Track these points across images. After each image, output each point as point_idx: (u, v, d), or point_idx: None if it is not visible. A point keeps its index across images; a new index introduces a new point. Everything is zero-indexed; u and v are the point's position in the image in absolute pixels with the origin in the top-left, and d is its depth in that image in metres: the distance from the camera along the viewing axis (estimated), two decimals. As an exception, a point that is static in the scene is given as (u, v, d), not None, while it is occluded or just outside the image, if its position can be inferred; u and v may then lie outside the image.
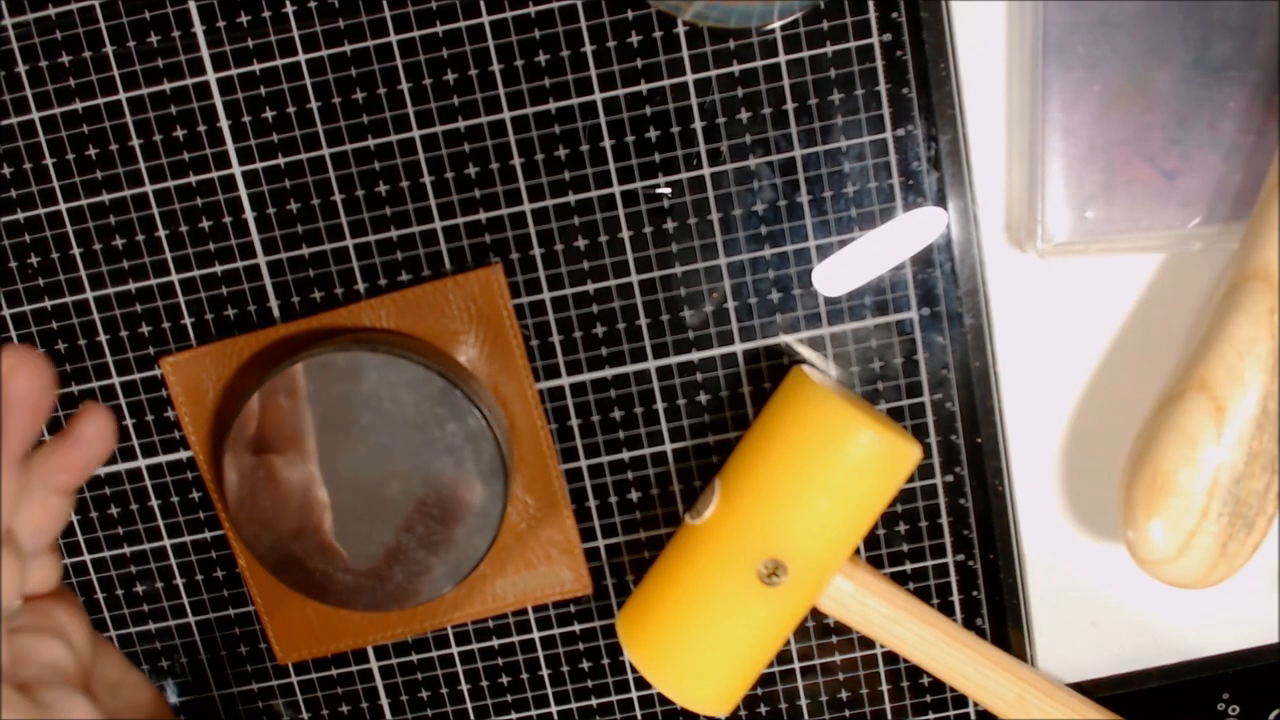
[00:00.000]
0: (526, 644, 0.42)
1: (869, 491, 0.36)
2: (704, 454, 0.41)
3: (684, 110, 0.38)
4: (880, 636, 0.38)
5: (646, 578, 0.39)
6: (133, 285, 0.40)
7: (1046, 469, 0.41)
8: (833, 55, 0.38)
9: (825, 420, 0.35)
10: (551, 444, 0.40)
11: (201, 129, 0.38)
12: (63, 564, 0.34)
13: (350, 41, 0.38)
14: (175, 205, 0.39)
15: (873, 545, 0.41)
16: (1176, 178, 0.37)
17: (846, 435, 0.35)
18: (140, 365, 0.40)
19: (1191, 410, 0.34)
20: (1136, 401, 0.40)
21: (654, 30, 0.38)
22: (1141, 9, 0.36)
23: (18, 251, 0.39)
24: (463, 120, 0.38)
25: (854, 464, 0.35)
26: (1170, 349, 0.39)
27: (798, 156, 0.38)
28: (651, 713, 0.43)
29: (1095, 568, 0.41)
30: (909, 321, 0.39)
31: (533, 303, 0.39)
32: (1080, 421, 0.40)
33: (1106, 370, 0.40)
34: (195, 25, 0.38)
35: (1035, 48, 0.36)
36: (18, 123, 0.38)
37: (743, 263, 0.39)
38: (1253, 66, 0.36)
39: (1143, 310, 0.39)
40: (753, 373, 0.40)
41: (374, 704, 0.43)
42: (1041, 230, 0.37)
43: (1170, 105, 0.36)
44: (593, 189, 0.39)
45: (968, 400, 0.40)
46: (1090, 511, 0.41)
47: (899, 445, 0.35)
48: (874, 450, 0.35)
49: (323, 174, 0.39)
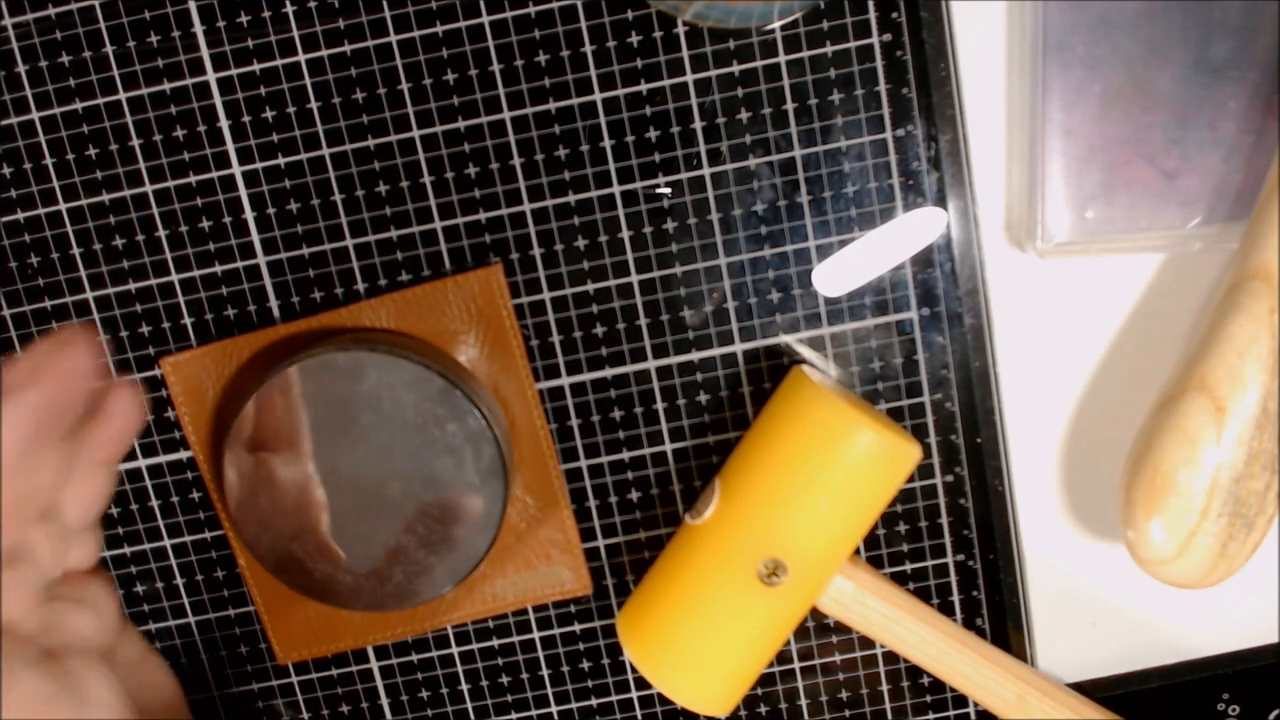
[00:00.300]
0: (526, 644, 0.42)
1: (869, 492, 0.36)
2: (704, 454, 0.41)
3: (684, 110, 0.38)
4: (880, 636, 0.38)
5: (646, 578, 0.39)
6: (133, 285, 0.40)
7: (1046, 469, 0.41)
8: (833, 55, 0.38)
9: (825, 420, 0.35)
10: (551, 444, 0.40)
11: (201, 129, 0.38)
12: (101, 542, 0.35)
13: (350, 41, 0.38)
14: (175, 205, 0.39)
15: (873, 545, 0.41)
16: (1176, 178, 0.37)
17: (846, 435, 0.35)
18: (140, 365, 0.40)
19: (1191, 410, 0.34)
20: (1136, 401, 0.40)
21: (654, 30, 0.38)
22: (1141, 9, 0.36)
23: (18, 251, 0.39)
24: (463, 120, 0.38)
25: (854, 464, 0.35)
26: (1170, 349, 0.39)
27: (798, 156, 0.38)
28: (651, 713, 0.43)
29: (1095, 568, 0.41)
30: (909, 321, 0.39)
31: (533, 303, 0.39)
32: (1080, 421, 0.40)
33: (1106, 370, 0.40)
34: (195, 25, 0.38)
35: (1035, 48, 0.36)
36: (18, 123, 0.38)
37: (743, 263, 0.39)
38: (1253, 66, 0.36)
39: (1143, 310, 0.39)
40: (753, 373, 0.40)
41: (374, 704, 0.43)
42: (1041, 230, 0.37)
43: (1170, 105, 0.36)
44: (593, 189, 0.39)
45: (968, 400, 0.40)
46: (1090, 511, 0.41)
47: (899, 445, 0.35)
48: (874, 450, 0.35)
49: (323, 174, 0.39)
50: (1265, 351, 0.34)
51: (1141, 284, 0.39)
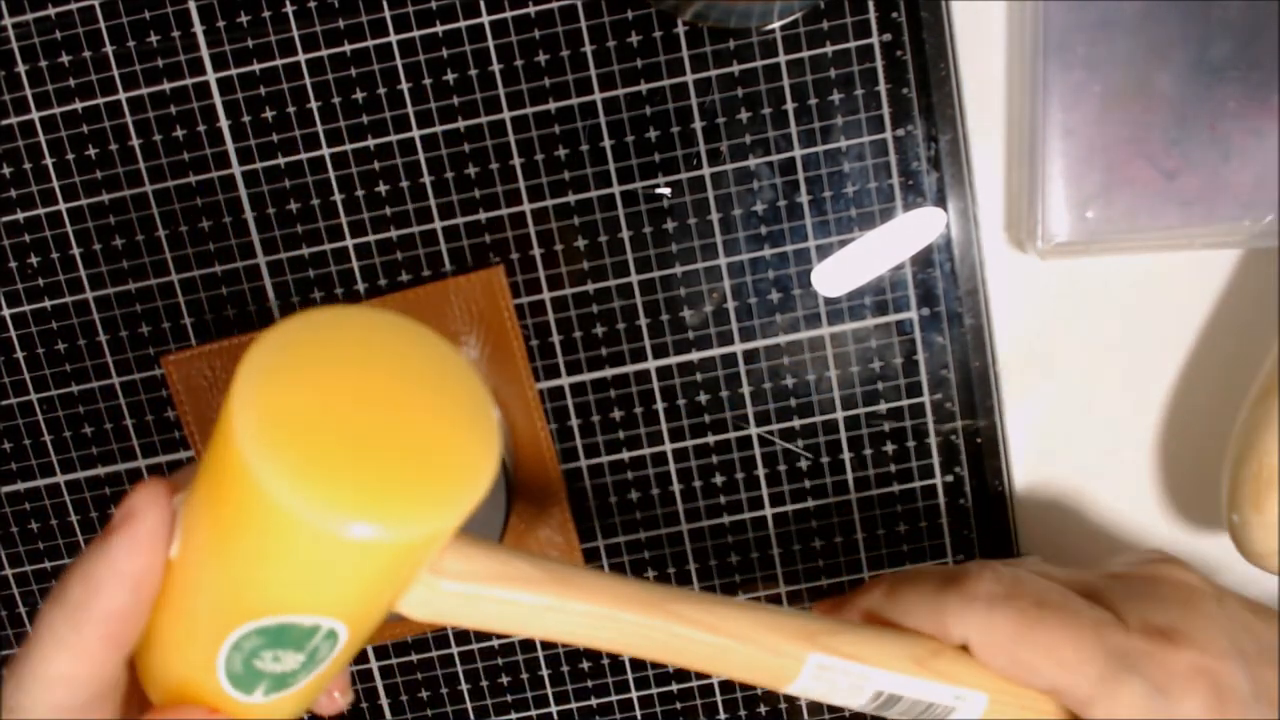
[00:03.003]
0: (527, 644, 0.42)
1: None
2: (704, 454, 0.41)
3: (684, 110, 0.38)
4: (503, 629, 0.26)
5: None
6: (133, 285, 0.40)
7: (1046, 469, 0.41)
8: (833, 55, 0.38)
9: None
10: (551, 444, 0.40)
11: (201, 129, 0.38)
12: None
13: (350, 41, 0.38)
14: (175, 205, 0.39)
15: (871, 545, 0.41)
16: (1176, 178, 0.37)
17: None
18: (140, 365, 0.40)
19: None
20: (1136, 401, 0.40)
21: (654, 30, 0.37)
22: (1141, 9, 0.36)
23: (18, 251, 0.39)
24: (463, 120, 0.38)
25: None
26: (1170, 348, 0.39)
27: (798, 156, 0.38)
28: (651, 713, 0.43)
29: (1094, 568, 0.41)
30: (909, 321, 0.39)
31: (533, 303, 0.39)
32: (1080, 421, 0.40)
33: (1106, 370, 0.40)
34: (195, 25, 0.38)
35: (1035, 48, 0.36)
36: (18, 123, 0.38)
37: (743, 263, 0.39)
38: (1253, 66, 0.36)
39: (1142, 310, 0.39)
40: (753, 373, 0.40)
41: (374, 704, 0.43)
42: (1041, 230, 0.37)
43: (1170, 105, 0.36)
44: (593, 189, 0.39)
45: (968, 400, 0.40)
46: (1090, 512, 0.41)
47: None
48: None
49: (323, 174, 0.39)
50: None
51: (1141, 284, 0.39)
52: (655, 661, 0.28)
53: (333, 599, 0.21)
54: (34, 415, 0.41)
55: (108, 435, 0.41)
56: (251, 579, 0.21)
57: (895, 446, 0.40)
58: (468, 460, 0.21)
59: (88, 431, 0.41)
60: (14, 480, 0.41)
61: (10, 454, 0.41)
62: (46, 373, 0.40)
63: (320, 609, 0.21)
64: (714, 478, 0.41)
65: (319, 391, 0.20)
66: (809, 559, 0.41)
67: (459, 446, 0.21)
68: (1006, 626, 0.29)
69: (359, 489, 0.20)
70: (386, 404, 0.21)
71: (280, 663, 0.22)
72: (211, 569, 0.22)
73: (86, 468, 0.41)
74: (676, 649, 0.27)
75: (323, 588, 0.21)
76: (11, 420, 0.41)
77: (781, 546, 0.41)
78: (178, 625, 0.23)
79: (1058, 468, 0.41)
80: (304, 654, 0.22)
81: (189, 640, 0.23)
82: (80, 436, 0.41)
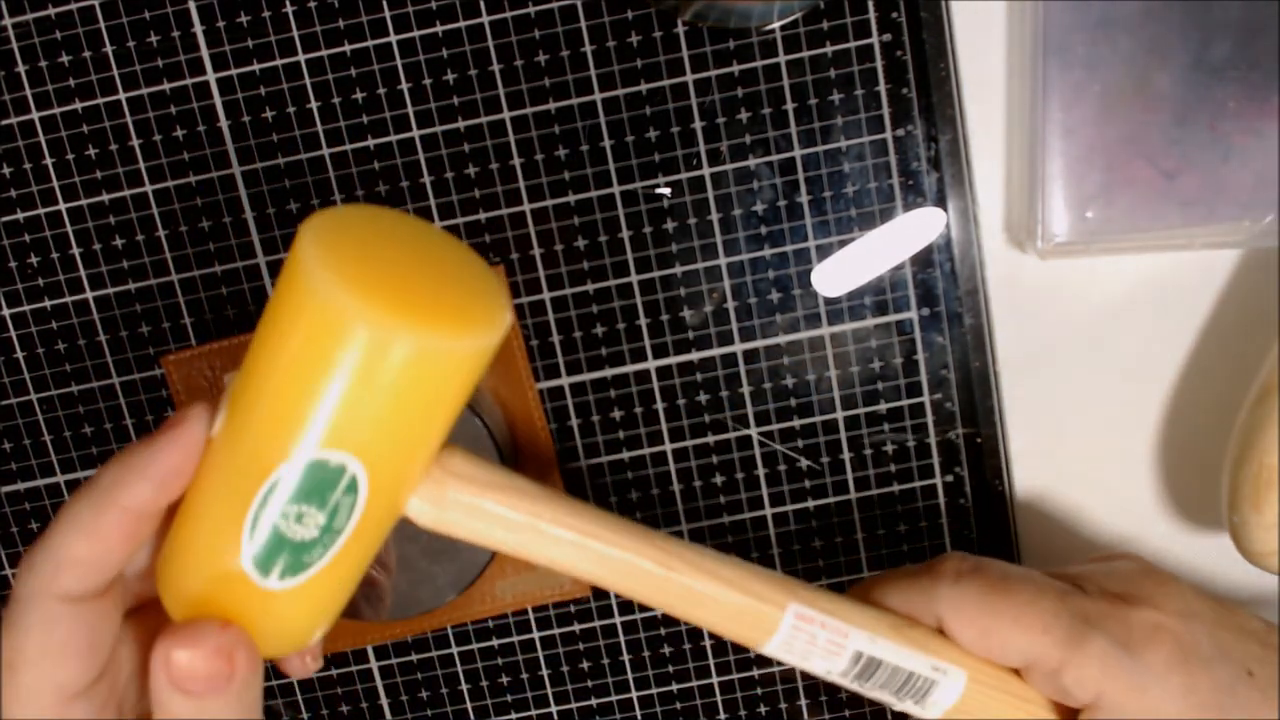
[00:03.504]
0: (526, 644, 0.42)
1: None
2: (704, 454, 0.41)
3: (684, 110, 0.38)
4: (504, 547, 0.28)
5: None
6: (133, 285, 0.40)
7: (1046, 469, 0.41)
8: (833, 55, 0.38)
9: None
10: (551, 444, 0.40)
11: (201, 129, 0.38)
12: None
13: (350, 41, 0.38)
14: (175, 205, 0.39)
15: (871, 545, 0.41)
16: (1176, 178, 0.37)
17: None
18: (140, 365, 0.40)
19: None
20: (1136, 401, 0.40)
21: (654, 30, 0.37)
22: (1141, 9, 0.36)
23: (18, 251, 0.39)
24: (463, 120, 0.38)
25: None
26: (1170, 348, 0.39)
27: (798, 156, 0.38)
28: (651, 713, 0.43)
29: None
30: (909, 321, 0.39)
31: (533, 303, 0.39)
32: (1080, 421, 0.40)
33: (1106, 370, 0.40)
34: (195, 25, 0.38)
35: (1035, 48, 0.36)
36: (18, 123, 0.38)
37: (743, 263, 0.39)
38: (1253, 66, 0.36)
39: (1142, 310, 0.39)
40: (752, 373, 0.40)
41: (374, 704, 0.43)
42: (1041, 230, 0.37)
43: (1170, 105, 0.36)
44: (593, 189, 0.39)
45: (968, 400, 0.40)
46: (1090, 512, 0.41)
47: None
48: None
49: (323, 174, 0.39)
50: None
51: (1141, 284, 0.39)
52: (640, 600, 0.29)
53: (364, 432, 0.23)
54: (34, 415, 0.41)
55: (108, 435, 0.41)
56: (293, 410, 0.23)
57: (895, 446, 0.40)
58: (490, 304, 0.25)
59: (88, 431, 0.41)
60: (14, 480, 0.41)
61: (10, 454, 0.41)
62: (46, 373, 0.40)
63: (350, 443, 0.23)
64: (714, 478, 0.41)
65: (368, 241, 0.24)
66: (809, 559, 0.41)
67: (482, 292, 0.25)
68: (973, 596, 0.30)
69: (409, 303, 0.23)
70: (423, 257, 0.25)
71: (302, 525, 0.24)
72: (257, 410, 0.24)
73: (86, 468, 0.41)
74: (661, 585, 0.28)
75: (360, 414, 0.23)
76: (11, 420, 0.41)
77: (781, 546, 0.41)
78: (210, 500, 0.25)
79: (1058, 468, 0.41)
80: (325, 513, 0.24)
81: (219, 506, 0.24)
82: (80, 436, 0.41)
